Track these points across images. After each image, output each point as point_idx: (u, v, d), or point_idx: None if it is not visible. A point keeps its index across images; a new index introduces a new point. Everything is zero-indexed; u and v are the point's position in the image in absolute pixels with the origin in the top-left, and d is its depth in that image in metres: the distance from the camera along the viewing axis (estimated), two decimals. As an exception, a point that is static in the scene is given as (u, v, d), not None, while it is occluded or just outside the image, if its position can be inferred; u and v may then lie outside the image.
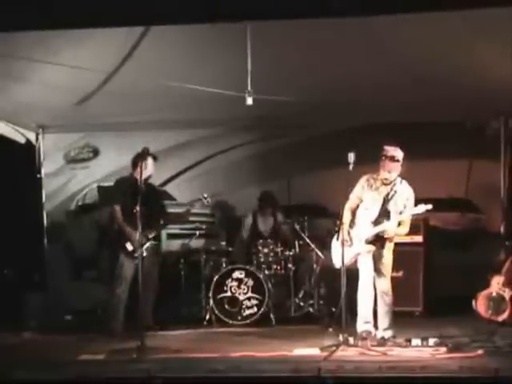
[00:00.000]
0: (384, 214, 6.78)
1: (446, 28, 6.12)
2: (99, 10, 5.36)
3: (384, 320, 6.83)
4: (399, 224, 6.80)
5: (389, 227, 6.74)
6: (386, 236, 6.76)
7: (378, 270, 6.84)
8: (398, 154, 6.77)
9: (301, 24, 6.00)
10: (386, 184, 6.82)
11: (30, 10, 5.39)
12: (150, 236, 7.60)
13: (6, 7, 5.37)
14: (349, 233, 6.84)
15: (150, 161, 7.58)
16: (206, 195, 7.76)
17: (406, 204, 6.77)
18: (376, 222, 6.77)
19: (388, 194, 6.82)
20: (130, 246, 7.53)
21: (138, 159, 7.47)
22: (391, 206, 6.78)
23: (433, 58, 6.75)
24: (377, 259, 6.84)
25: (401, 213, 6.76)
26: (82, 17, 5.44)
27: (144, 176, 7.45)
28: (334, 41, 6.40)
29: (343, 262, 6.59)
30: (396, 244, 7.01)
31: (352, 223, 6.91)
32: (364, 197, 6.89)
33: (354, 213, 6.93)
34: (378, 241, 6.80)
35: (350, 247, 6.78)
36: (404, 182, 6.86)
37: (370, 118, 8.85)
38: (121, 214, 7.61)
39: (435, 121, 8.82)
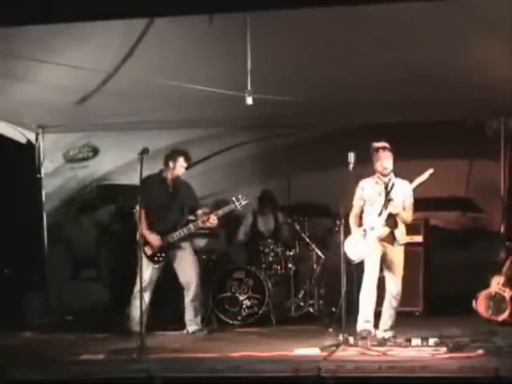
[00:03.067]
0: (389, 202, 6.80)
1: (446, 26, 6.12)
2: (97, 3, 5.35)
3: (387, 321, 6.84)
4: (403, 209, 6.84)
5: (394, 206, 6.75)
6: (393, 213, 6.75)
7: (388, 271, 6.86)
8: (386, 144, 6.88)
9: (301, 23, 6.00)
10: (385, 175, 6.86)
11: (29, 4, 5.37)
12: (172, 240, 7.45)
13: (5, 2, 5.36)
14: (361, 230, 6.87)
15: (180, 161, 7.47)
16: (240, 196, 7.46)
17: (405, 198, 6.83)
18: (382, 211, 6.81)
19: (387, 184, 6.87)
20: (149, 250, 7.38)
21: (168, 159, 7.43)
22: (393, 195, 6.82)
23: (433, 57, 6.75)
24: (387, 259, 6.85)
25: (403, 205, 6.80)
26: (81, 10, 5.43)
27: (172, 176, 7.47)
28: (334, 41, 6.41)
29: (343, 262, 6.61)
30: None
31: (361, 220, 6.95)
32: (366, 196, 6.92)
33: (360, 216, 6.97)
34: (390, 224, 6.80)
35: (364, 239, 6.80)
36: (399, 178, 6.93)
37: (369, 118, 8.84)
38: (144, 216, 7.36)
39: (435, 120, 8.81)
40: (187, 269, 7.57)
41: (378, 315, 6.87)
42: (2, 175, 8.91)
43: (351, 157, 6.63)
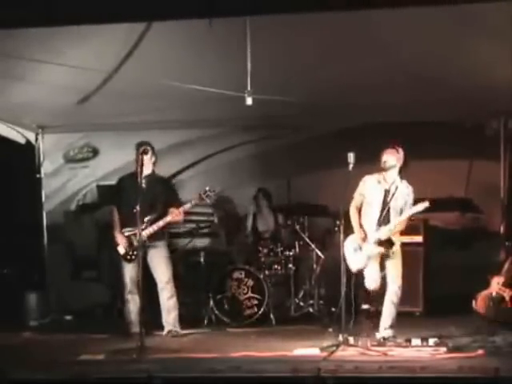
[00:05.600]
0: (386, 212, 6.82)
1: (445, 28, 6.12)
2: (98, 6, 5.36)
3: (387, 319, 6.86)
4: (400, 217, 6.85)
5: (389, 229, 6.77)
6: (384, 238, 6.78)
7: (388, 275, 6.87)
8: (398, 147, 6.88)
9: (300, 24, 6.00)
10: (384, 170, 6.83)
11: (30, 7, 5.38)
12: (143, 238, 7.19)
13: (7, 3, 5.36)
14: (362, 232, 6.87)
15: (145, 157, 7.32)
16: (207, 188, 7.42)
17: (406, 200, 6.82)
18: (379, 222, 6.80)
19: (389, 189, 6.87)
20: (121, 250, 7.39)
21: (135, 156, 7.39)
22: (392, 203, 6.82)
23: (432, 58, 6.75)
24: (386, 264, 6.88)
25: (401, 211, 6.79)
26: (82, 13, 5.44)
27: (145, 172, 7.33)
28: (334, 41, 6.41)
29: (343, 263, 6.63)
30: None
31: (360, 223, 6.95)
32: (366, 192, 6.93)
33: (360, 211, 6.96)
34: (384, 243, 6.83)
35: (361, 251, 6.83)
36: (404, 181, 6.90)
37: (369, 118, 8.84)
38: (117, 215, 7.49)
39: (435, 121, 8.82)
40: (158, 267, 7.47)
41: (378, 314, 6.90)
42: (2, 175, 8.91)
43: (351, 157, 6.64)
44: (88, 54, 6.60)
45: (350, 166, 6.67)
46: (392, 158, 6.84)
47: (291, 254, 8.53)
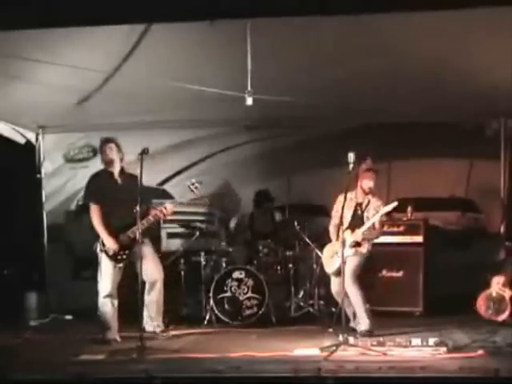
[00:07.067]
0: (357, 218, 7.21)
1: (445, 29, 6.12)
2: (99, 8, 5.36)
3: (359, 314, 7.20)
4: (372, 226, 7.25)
5: (362, 231, 7.15)
6: (359, 240, 7.17)
7: (346, 270, 7.06)
8: (372, 166, 7.26)
9: (301, 24, 6.00)
10: (366, 193, 7.25)
11: (30, 8, 5.38)
12: (133, 235, 6.97)
13: (6, 5, 5.37)
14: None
15: (113, 153, 7.19)
16: (193, 181, 7.21)
17: (377, 211, 7.18)
18: (350, 226, 7.16)
19: (361, 202, 7.27)
20: (110, 251, 7.05)
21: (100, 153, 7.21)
22: (365, 213, 7.23)
23: (433, 59, 6.74)
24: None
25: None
26: (83, 15, 5.44)
27: (117, 169, 7.19)
28: (334, 41, 6.40)
29: (343, 262, 6.64)
30: (395, 244, 7.48)
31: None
32: (341, 209, 7.02)
33: (339, 228, 7.16)
34: (357, 244, 7.23)
35: (337, 255, 7.08)
36: (376, 195, 7.31)
37: (369, 118, 8.84)
38: (99, 214, 7.08)
39: (435, 121, 8.82)
40: (151, 266, 7.16)
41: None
42: (2, 175, 8.91)
43: (351, 157, 6.66)
44: (88, 54, 6.59)
45: (350, 166, 6.70)
46: (373, 182, 7.26)
47: (291, 253, 8.53)
